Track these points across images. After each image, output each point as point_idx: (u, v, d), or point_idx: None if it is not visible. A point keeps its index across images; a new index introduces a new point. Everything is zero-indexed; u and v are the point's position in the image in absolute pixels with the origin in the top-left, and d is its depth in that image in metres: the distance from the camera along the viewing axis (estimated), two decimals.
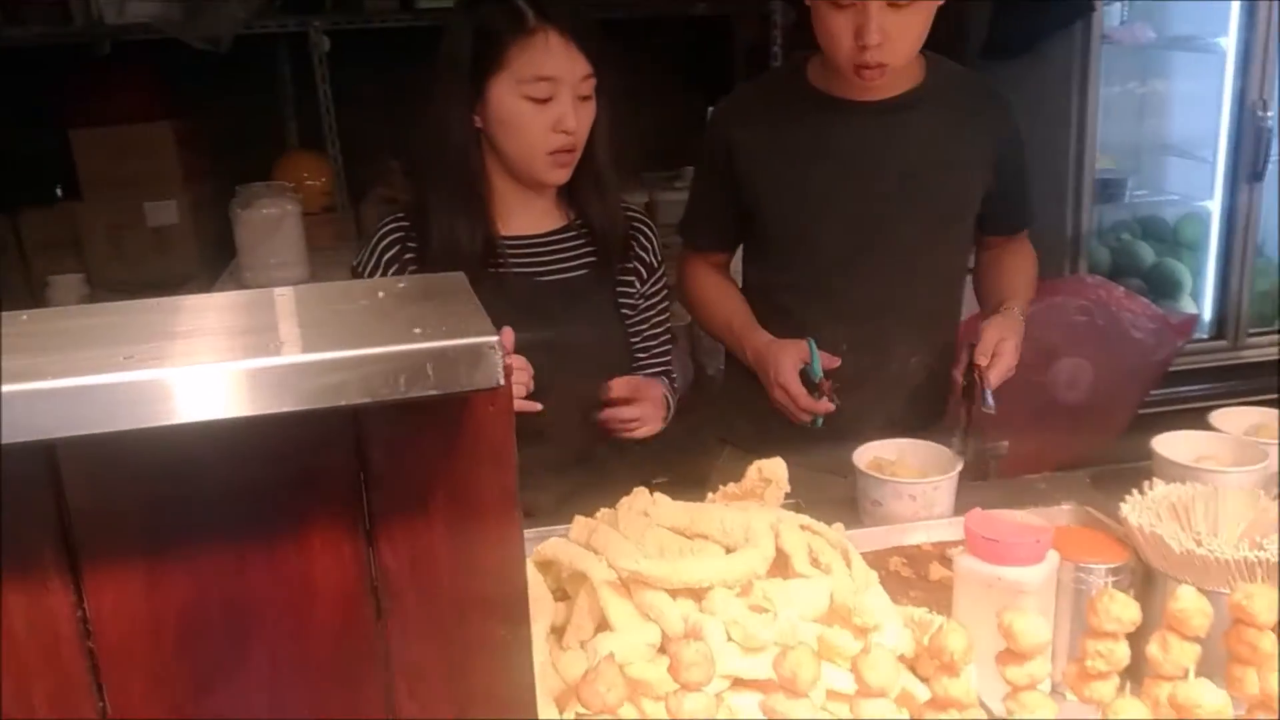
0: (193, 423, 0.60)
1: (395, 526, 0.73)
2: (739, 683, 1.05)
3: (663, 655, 1.06)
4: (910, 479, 1.48)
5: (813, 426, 1.71)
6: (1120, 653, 0.97)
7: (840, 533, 1.28)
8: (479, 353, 0.62)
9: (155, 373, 0.57)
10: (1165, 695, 0.95)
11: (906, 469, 1.52)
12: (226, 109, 3.39)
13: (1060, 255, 3.16)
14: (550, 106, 1.58)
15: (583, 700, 0.95)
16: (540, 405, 1.54)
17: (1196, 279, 3.46)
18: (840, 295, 1.79)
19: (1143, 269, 3.48)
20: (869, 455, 1.53)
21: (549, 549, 1.22)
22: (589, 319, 1.71)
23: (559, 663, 1.09)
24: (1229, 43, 3.18)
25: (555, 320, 1.65)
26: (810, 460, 1.59)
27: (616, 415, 1.66)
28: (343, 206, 3.38)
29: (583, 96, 1.61)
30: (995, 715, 1.04)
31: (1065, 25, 3.03)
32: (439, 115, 1.62)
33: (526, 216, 1.71)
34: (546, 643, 1.13)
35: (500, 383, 0.63)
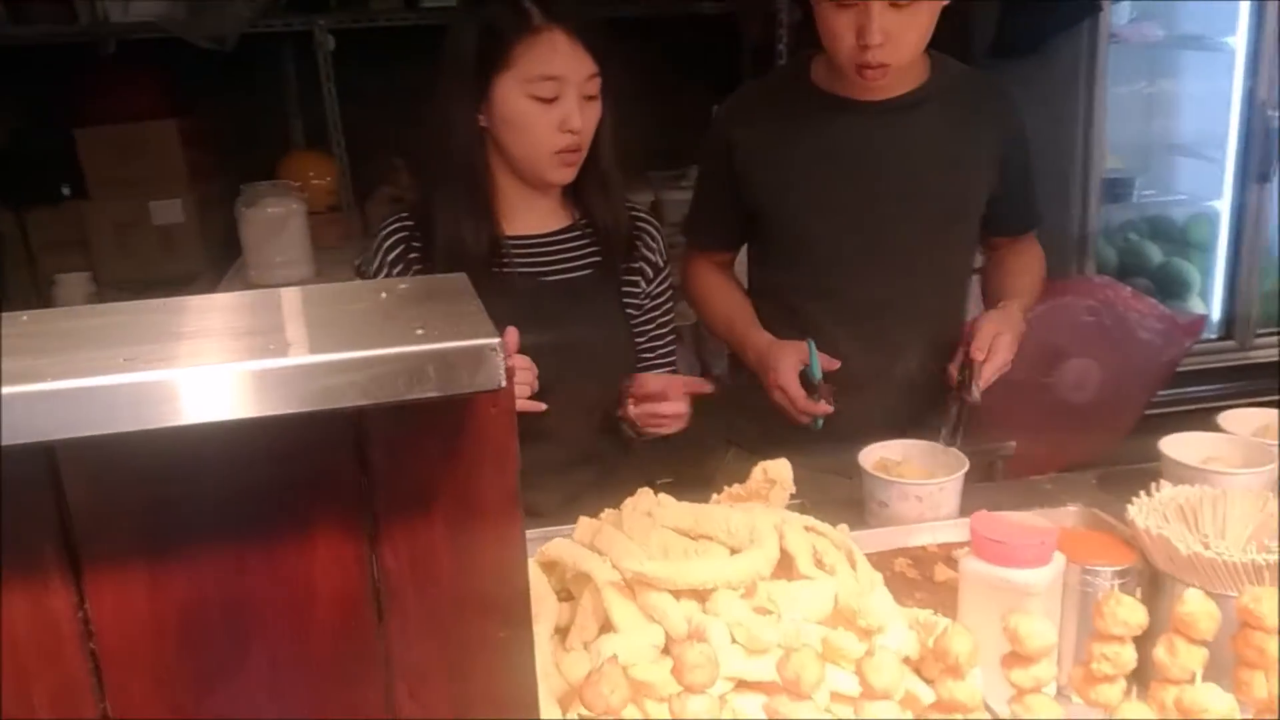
0: (193, 424, 0.60)
1: (397, 528, 0.73)
2: (743, 684, 1.05)
3: (666, 657, 1.06)
4: (915, 480, 1.47)
5: (813, 428, 1.70)
6: (1126, 656, 0.97)
7: (845, 534, 1.27)
8: (480, 354, 0.62)
9: (155, 374, 0.57)
10: (1172, 699, 0.95)
11: (912, 470, 1.51)
12: (232, 108, 3.40)
13: (1067, 255, 3.15)
14: (555, 106, 1.58)
15: (585, 702, 0.94)
16: (545, 405, 1.54)
17: (1205, 279, 3.45)
18: (844, 295, 1.79)
19: (1150, 269, 3.47)
20: (874, 456, 1.53)
21: (553, 550, 1.21)
22: (594, 319, 1.71)
23: (562, 664, 1.09)
24: (1238, 42, 3.16)
25: (560, 320, 1.65)
26: (815, 461, 1.58)
27: (657, 411, 1.64)
28: (348, 205, 3.38)
29: (588, 96, 1.61)
30: (1000, 718, 1.04)
31: (1073, 24, 3.01)
32: (444, 114, 1.62)
33: (531, 216, 1.71)
34: (550, 643, 1.13)
35: (502, 384, 0.63)
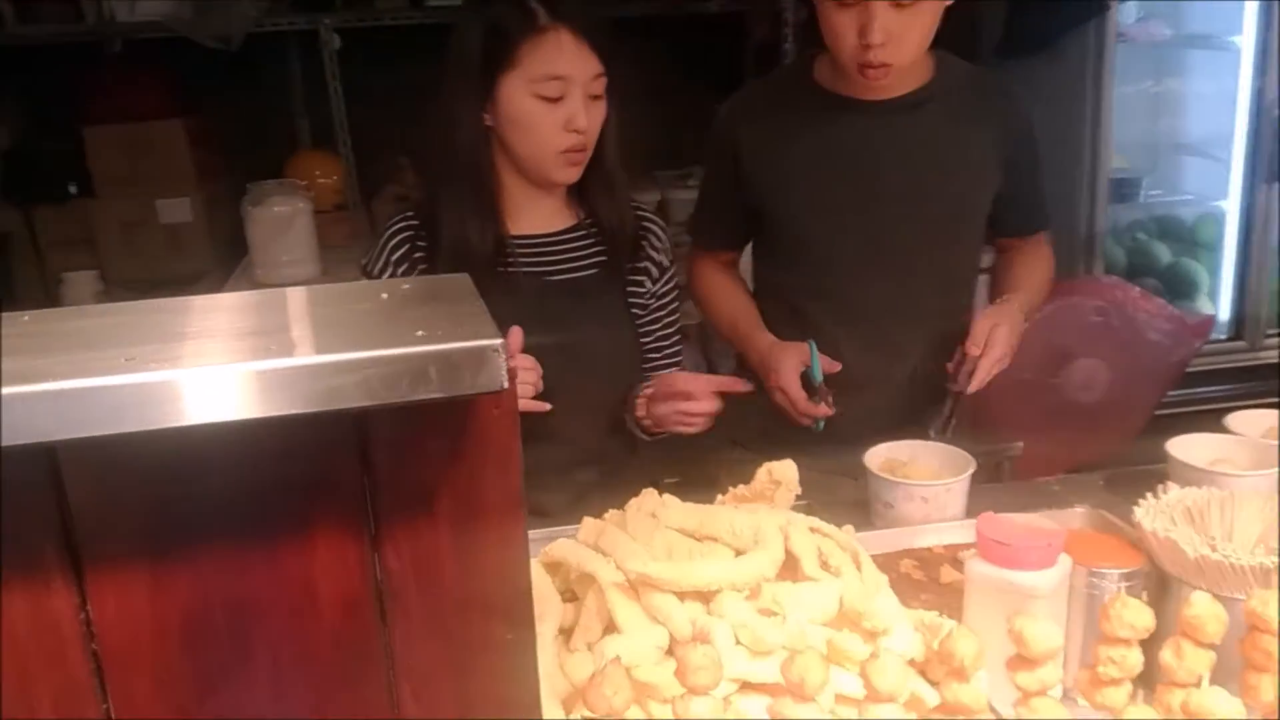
0: (195, 425, 0.60)
1: (399, 529, 0.72)
2: (747, 686, 1.04)
3: (670, 658, 1.06)
4: (921, 481, 1.47)
5: (814, 429, 1.69)
6: (1133, 659, 0.96)
7: (850, 535, 1.27)
8: (482, 356, 0.62)
9: (156, 375, 0.57)
10: (1179, 703, 0.94)
11: (918, 471, 1.51)
12: (238, 107, 3.41)
13: (1075, 255, 3.14)
14: (561, 105, 1.58)
15: (589, 703, 0.94)
16: (549, 406, 1.54)
17: (1213, 279, 3.44)
18: (848, 295, 1.78)
19: (1159, 269, 3.46)
20: (881, 457, 1.52)
21: (557, 550, 1.21)
22: (599, 319, 1.71)
23: (566, 664, 1.09)
24: (1245, 41, 3.15)
25: (565, 320, 1.65)
26: (821, 462, 1.58)
27: (687, 410, 1.62)
28: (354, 204, 3.38)
29: (594, 95, 1.61)
30: None
31: (1080, 23, 3.00)
32: (449, 114, 1.62)
33: (536, 216, 1.71)
34: (554, 644, 1.12)
35: (504, 386, 0.63)
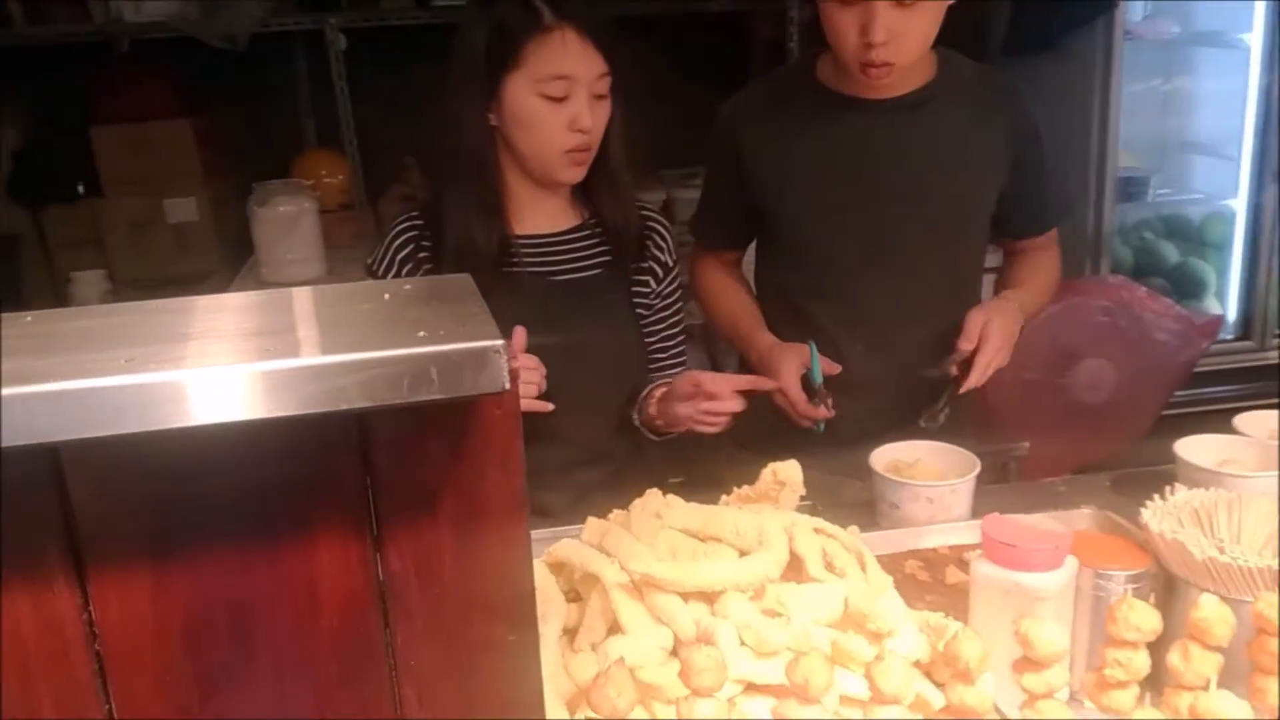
0: (196, 426, 0.60)
1: (402, 530, 0.72)
2: (751, 687, 1.04)
3: (674, 659, 1.06)
4: (927, 481, 1.46)
5: (815, 431, 1.69)
6: (1140, 662, 0.96)
7: (855, 536, 1.26)
8: (484, 357, 0.62)
9: (156, 376, 0.57)
10: (1186, 705, 0.94)
11: (924, 471, 1.50)
12: (244, 107, 3.41)
13: (1082, 255, 3.13)
14: (566, 105, 1.58)
15: (592, 705, 0.94)
16: (551, 406, 1.54)
17: (1221, 279, 3.43)
18: (850, 295, 1.78)
19: (1166, 269, 3.44)
20: (886, 457, 1.51)
21: (561, 550, 1.21)
22: (603, 319, 1.71)
23: (570, 665, 1.08)
24: (1254, 39, 3.14)
25: (569, 320, 1.64)
26: (826, 463, 1.58)
27: (713, 409, 1.60)
28: (360, 204, 3.38)
29: (598, 95, 1.60)
30: None
31: (1087, 21, 2.99)
32: (454, 113, 1.62)
33: (541, 215, 1.70)
34: (558, 645, 1.12)
35: (505, 387, 0.62)
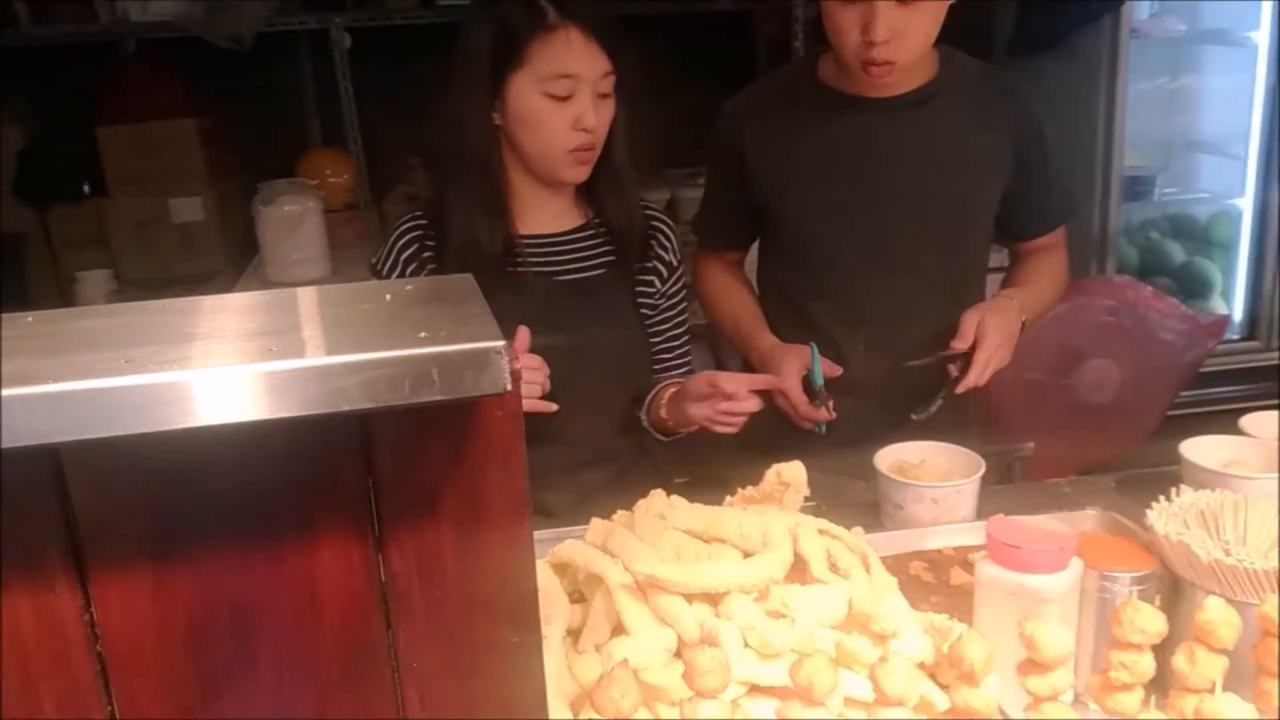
0: (197, 427, 0.60)
1: (403, 531, 0.72)
2: (755, 689, 1.04)
3: (678, 661, 1.05)
4: (932, 482, 1.46)
5: (817, 433, 1.68)
6: (1145, 664, 0.95)
7: (860, 537, 1.26)
8: (485, 358, 0.61)
9: (156, 377, 0.57)
10: (1191, 708, 0.93)
11: (929, 472, 1.50)
12: (250, 106, 3.42)
13: (1087, 254, 3.12)
14: (570, 104, 1.57)
15: (596, 706, 0.94)
16: (555, 406, 1.53)
17: (1227, 279, 3.42)
18: (852, 294, 1.77)
19: (1172, 268, 3.43)
20: (890, 458, 1.51)
21: (565, 551, 1.20)
22: (607, 319, 1.70)
23: (574, 666, 1.08)
24: (1261, 36, 3.13)
25: (573, 320, 1.64)
26: (830, 463, 1.57)
27: (732, 409, 1.59)
28: (365, 203, 3.38)
29: (602, 94, 1.60)
30: None
31: (1093, 19, 2.98)
32: (458, 113, 1.61)
33: (545, 215, 1.70)
34: (562, 646, 1.12)
35: (507, 388, 0.62)
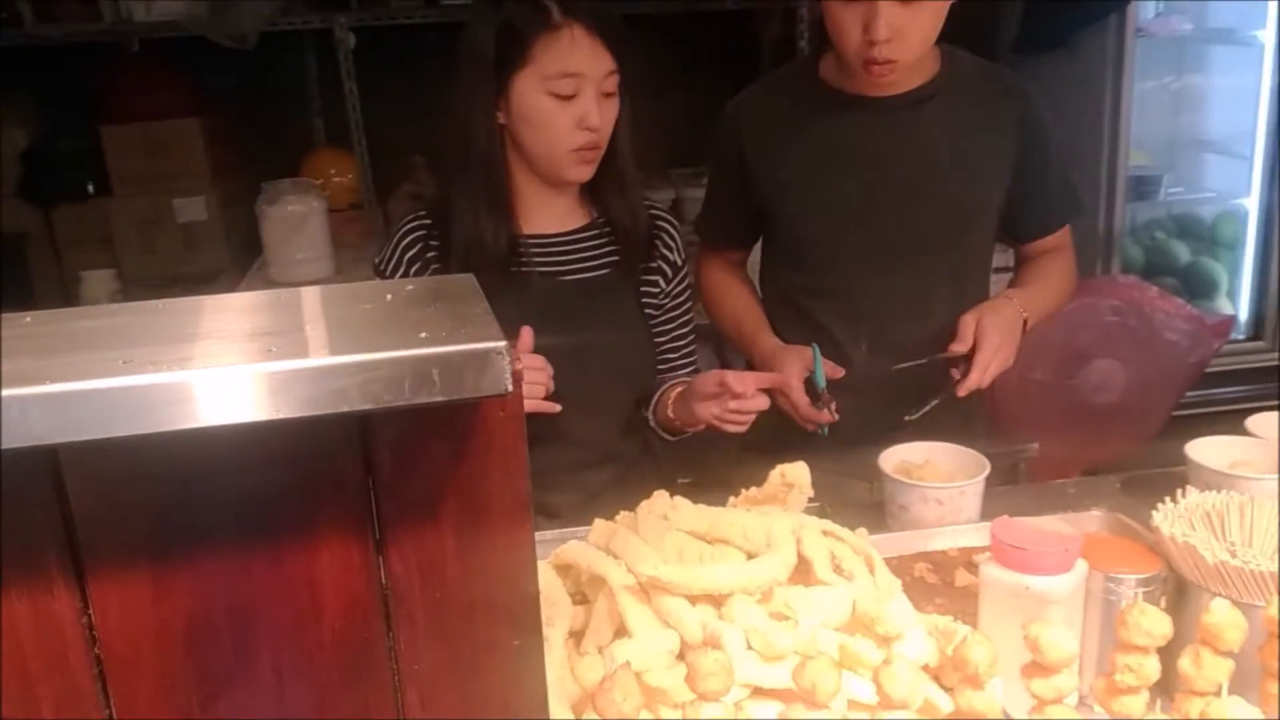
0: (196, 428, 0.59)
1: (404, 532, 0.72)
2: (758, 692, 1.03)
3: (681, 663, 1.05)
4: (936, 483, 1.45)
5: (819, 435, 1.67)
6: (1150, 667, 0.95)
7: (864, 538, 1.25)
8: (486, 359, 0.61)
9: (153, 377, 0.56)
10: (1197, 711, 0.93)
11: (933, 473, 1.49)
12: (254, 106, 3.42)
13: (1092, 254, 3.11)
14: (574, 103, 1.57)
15: (598, 708, 0.93)
16: (559, 407, 1.53)
17: (1233, 279, 3.41)
18: (854, 293, 1.77)
19: (1178, 268, 3.42)
20: (895, 459, 1.50)
21: (568, 552, 1.20)
22: (611, 319, 1.70)
23: (577, 668, 1.08)
24: (1268, 36, 3.12)
25: (577, 320, 1.64)
26: (834, 464, 1.56)
27: (749, 407, 1.58)
28: (369, 203, 3.38)
29: (607, 93, 1.59)
30: None
31: (1099, 18, 2.98)
32: (462, 112, 1.61)
33: (549, 215, 1.70)
34: (565, 647, 1.12)
35: (508, 389, 0.62)
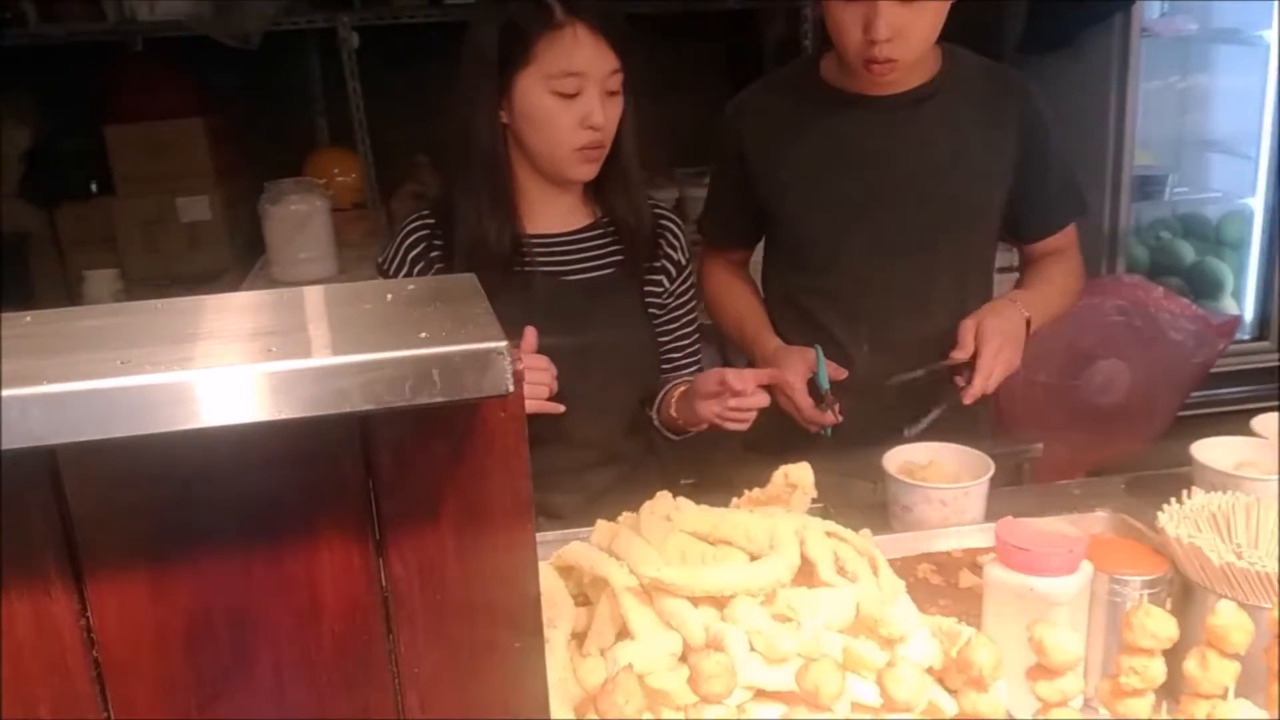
0: (195, 429, 0.59)
1: (404, 534, 0.71)
2: (761, 694, 1.03)
3: (683, 665, 1.04)
4: (940, 484, 1.44)
5: (822, 436, 1.67)
6: (1156, 669, 0.94)
7: (867, 539, 1.25)
8: (486, 359, 0.60)
9: (151, 378, 0.56)
10: (1203, 714, 0.92)
11: (937, 473, 1.49)
12: (257, 105, 3.42)
13: (1098, 254, 3.10)
14: (578, 102, 1.56)
15: (600, 711, 0.93)
16: (562, 407, 1.52)
17: (1238, 279, 3.40)
18: (856, 293, 1.76)
19: (1183, 268, 3.42)
20: (899, 459, 1.50)
21: (570, 554, 1.19)
22: (615, 319, 1.69)
23: (579, 670, 1.07)
24: (1272, 36, 3.11)
25: (581, 320, 1.63)
26: (837, 465, 1.56)
27: (749, 404, 1.57)
28: (372, 202, 3.38)
29: (610, 92, 1.59)
30: None
31: (1104, 18, 2.97)
32: (465, 111, 1.60)
33: (552, 214, 1.69)
34: (567, 649, 1.11)
35: (509, 390, 0.61)
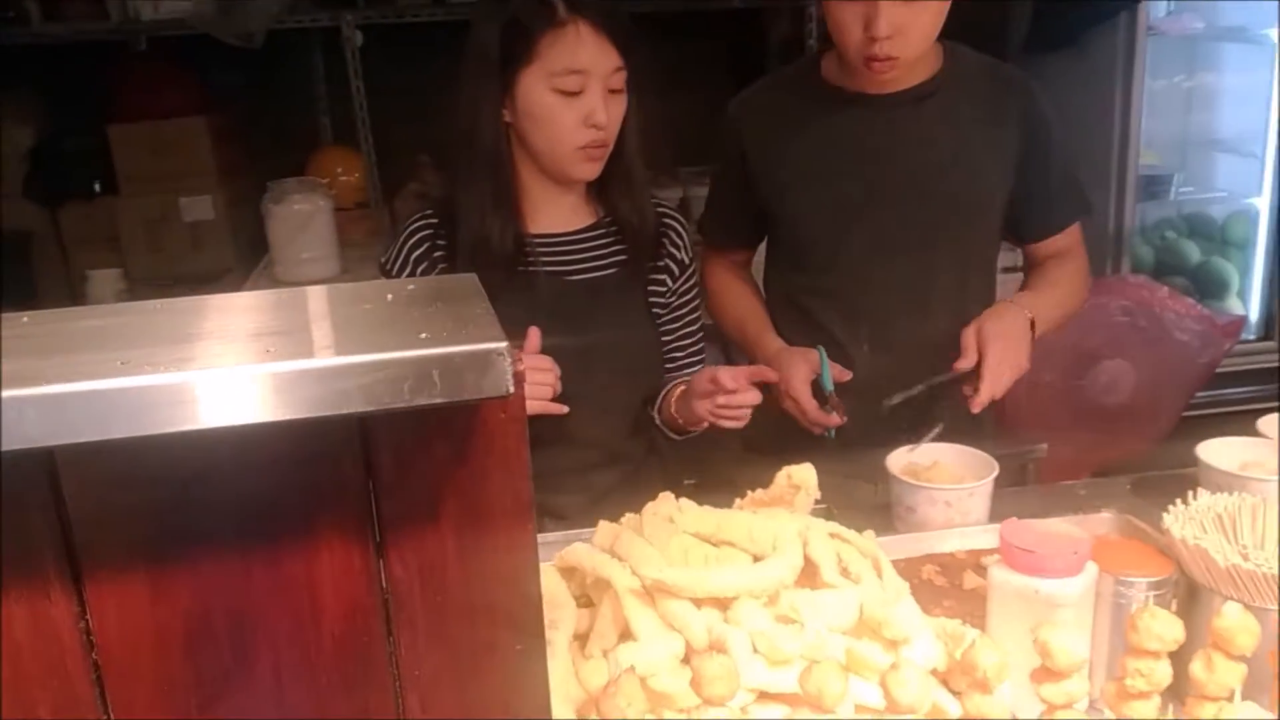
0: (194, 430, 0.59)
1: (405, 535, 0.71)
2: (764, 696, 1.02)
3: (686, 667, 1.04)
4: (944, 485, 1.44)
5: (826, 438, 1.66)
6: (1161, 672, 0.94)
7: (871, 540, 1.24)
8: (486, 360, 0.60)
9: (150, 379, 0.56)
10: (1209, 716, 0.92)
11: (941, 474, 1.48)
12: (260, 105, 3.42)
13: (1102, 254, 3.09)
14: (580, 100, 1.56)
15: (602, 712, 0.93)
16: (566, 408, 1.52)
17: (1244, 278, 3.39)
18: (857, 293, 1.75)
19: (1188, 268, 3.41)
20: (902, 460, 1.49)
21: (572, 555, 1.19)
22: (619, 319, 1.69)
23: (581, 671, 1.07)
24: (1279, 34, 3.10)
25: (584, 320, 1.63)
26: (841, 466, 1.55)
27: (732, 403, 1.56)
28: (376, 202, 3.38)
29: (613, 90, 1.58)
30: None
31: (1110, 17, 2.96)
32: (468, 110, 1.60)
33: (555, 214, 1.68)
34: (569, 651, 1.11)
35: (509, 390, 0.61)
